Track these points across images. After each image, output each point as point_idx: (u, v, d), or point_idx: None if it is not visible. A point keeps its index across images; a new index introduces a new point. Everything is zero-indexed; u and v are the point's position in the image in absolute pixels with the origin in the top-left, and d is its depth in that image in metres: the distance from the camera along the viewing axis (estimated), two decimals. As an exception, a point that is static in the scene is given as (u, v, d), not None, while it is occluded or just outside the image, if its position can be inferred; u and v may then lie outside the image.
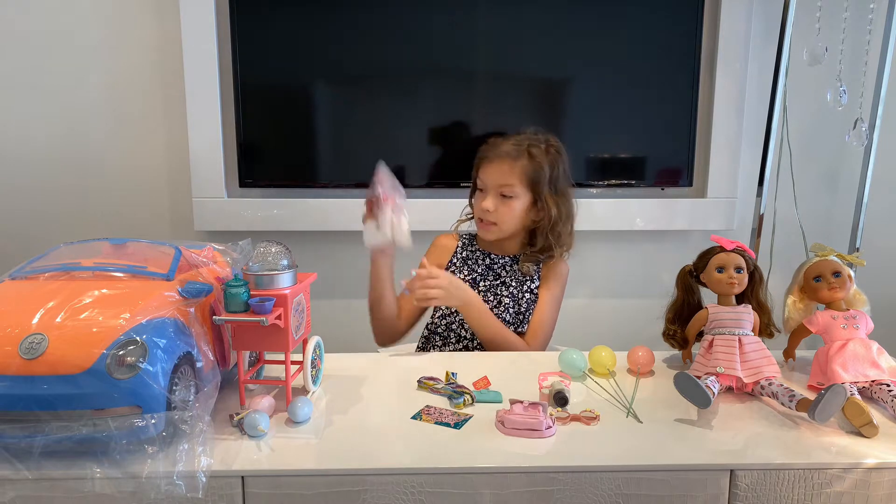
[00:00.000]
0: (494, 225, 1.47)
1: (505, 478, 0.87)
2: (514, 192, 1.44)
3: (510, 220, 1.47)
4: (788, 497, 0.89)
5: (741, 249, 1.18)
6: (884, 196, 2.14)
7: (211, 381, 0.95)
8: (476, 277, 1.53)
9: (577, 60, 2.04)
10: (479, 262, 1.55)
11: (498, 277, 1.52)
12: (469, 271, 1.54)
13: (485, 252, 1.55)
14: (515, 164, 1.44)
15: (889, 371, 1.09)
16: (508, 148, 1.46)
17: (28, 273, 0.97)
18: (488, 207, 1.45)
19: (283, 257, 1.01)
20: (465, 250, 1.57)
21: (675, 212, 2.13)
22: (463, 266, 1.55)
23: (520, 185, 1.44)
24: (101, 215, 2.07)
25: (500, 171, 1.45)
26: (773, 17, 2.00)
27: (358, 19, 1.98)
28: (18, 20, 1.98)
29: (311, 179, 2.08)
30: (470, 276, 1.53)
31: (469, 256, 1.56)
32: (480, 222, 1.49)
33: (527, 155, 1.45)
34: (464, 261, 1.56)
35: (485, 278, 1.52)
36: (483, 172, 1.48)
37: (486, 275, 1.53)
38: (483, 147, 1.51)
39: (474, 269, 1.54)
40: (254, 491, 0.86)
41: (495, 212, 1.45)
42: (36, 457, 0.82)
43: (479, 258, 1.55)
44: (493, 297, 1.50)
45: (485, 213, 1.46)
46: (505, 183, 1.44)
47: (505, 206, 1.45)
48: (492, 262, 1.54)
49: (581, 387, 1.13)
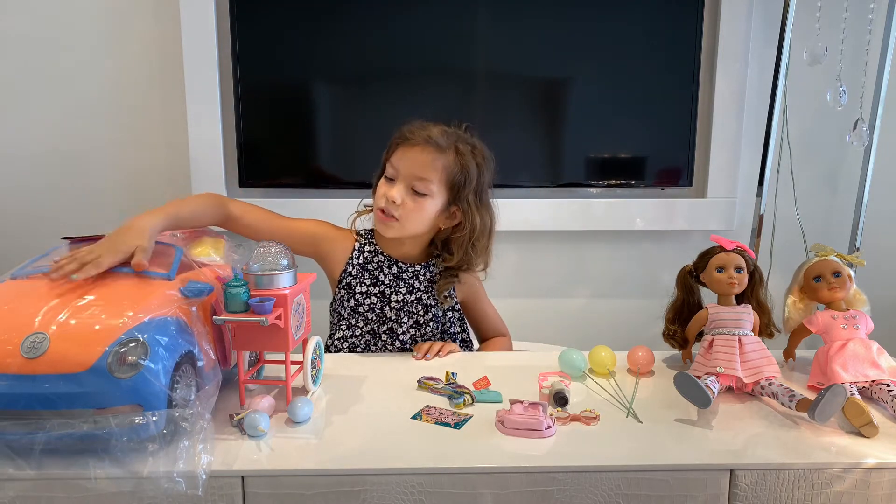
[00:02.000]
0: (396, 220, 1.26)
1: (505, 478, 0.87)
2: (430, 190, 1.25)
3: (416, 220, 1.27)
4: (788, 497, 0.89)
5: (741, 249, 1.18)
6: (884, 196, 2.14)
7: (212, 380, 0.96)
8: (384, 290, 1.32)
9: (577, 60, 2.04)
10: (385, 269, 1.33)
11: (412, 291, 1.33)
12: (373, 280, 1.32)
13: (389, 258, 1.33)
14: (439, 157, 1.25)
15: (889, 371, 1.09)
16: (435, 136, 1.26)
17: (29, 272, 0.97)
18: (394, 198, 1.24)
19: (283, 257, 1.00)
20: (363, 254, 1.34)
21: (675, 212, 2.13)
22: (362, 274, 1.33)
23: (438, 183, 1.25)
24: (101, 215, 2.07)
25: (420, 160, 1.25)
26: (773, 17, 2.00)
27: (358, 19, 1.98)
28: (18, 20, 1.97)
29: (311, 179, 2.08)
30: (374, 286, 1.32)
31: (369, 261, 1.33)
32: (381, 214, 1.28)
33: (454, 151, 1.27)
34: (363, 267, 1.33)
35: (395, 290, 1.32)
36: (398, 158, 1.27)
37: (395, 286, 1.32)
38: (403, 128, 1.30)
39: (379, 277, 1.33)
40: (254, 491, 0.86)
41: (401, 206, 1.25)
42: (37, 455, 0.83)
43: (384, 264, 1.33)
44: (406, 316, 1.33)
45: (389, 205, 1.25)
46: (422, 175, 1.24)
47: (414, 202, 1.25)
48: (400, 270, 1.33)
49: (581, 387, 1.13)
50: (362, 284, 1.33)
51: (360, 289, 1.33)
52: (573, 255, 2.20)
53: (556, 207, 2.09)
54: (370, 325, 1.35)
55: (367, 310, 1.33)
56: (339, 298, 1.36)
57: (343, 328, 1.35)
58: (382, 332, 1.35)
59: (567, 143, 2.10)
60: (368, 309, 1.33)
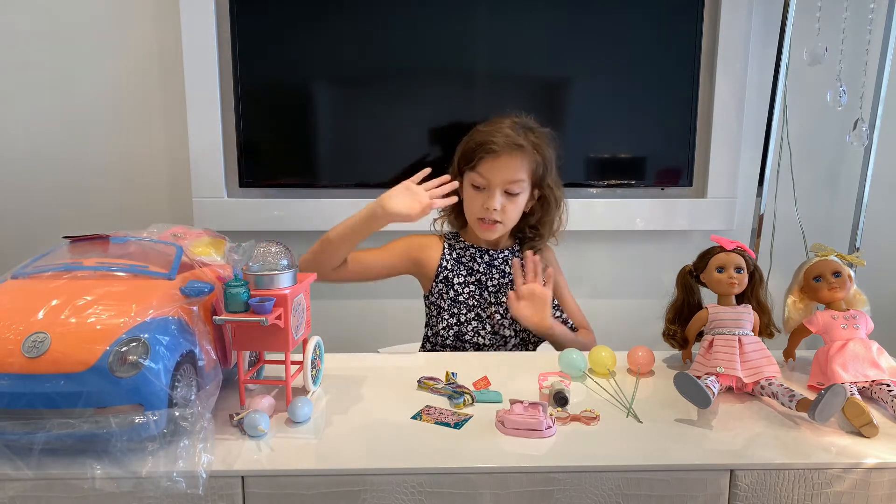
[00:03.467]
0: (500, 224, 1.35)
1: (505, 478, 0.87)
2: (522, 188, 1.34)
3: (514, 217, 1.37)
4: (788, 497, 0.89)
5: (741, 249, 1.18)
6: (884, 196, 2.14)
7: (212, 379, 0.96)
8: (480, 277, 1.41)
9: (577, 60, 2.04)
10: (478, 259, 1.42)
11: (504, 275, 1.41)
12: (468, 272, 1.41)
13: (479, 248, 1.43)
14: (525, 158, 1.33)
15: (889, 371, 1.09)
16: (515, 139, 1.32)
17: (30, 272, 0.97)
18: (496, 207, 1.32)
19: (283, 257, 1.01)
20: (455, 250, 1.43)
21: (675, 212, 2.13)
22: (458, 267, 1.41)
23: (527, 180, 1.35)
24: (101, 215, 2.07)
25: (511, 166, 1.32)
26: (773, 17, 2.00)
27: (358, 19, 1.98)
28: (18, 20, 1.98)
29: (311, 179, 2.08)
30: (471, 276, 1.41)
31: (462, 255, 1.42)
32: (481, 222, 1.37)
33: (532, 146, 1.34)
34: (457, 261, 1.42)
35: (490, 277, 1.40)
36: (487, 169, 1.33)
37: (489, 273, 1.40)
38: (479, 139, 1.35)
39: (474, 268, 1.41)
40: (254, 491, 0.86)
41: (502, 211, 1.34)
42: (36, 454, 0.83)
43: (476, 255, 1.42)
44: (505, 297, 1.39)
45: (490, 213, 1.34)
46: (516, 178, 1.32)
47: (511, 203, 1.34)
48: (491, 258, 1.41)
49: (581, 387, 1.13)
50: (459, 276, 1.41)
51: (458, 280, 1.41)
52: (573, 255, 2.19)
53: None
54: (474, 311, 1.41)
55: (468, 297, 1.41)
56: (438, 292, 1.43)
57: (447, 318, 1.42)
58: (486, 316, 1.41)
59: (567, 143, 2.07)
60: (469, 297, 1.41)
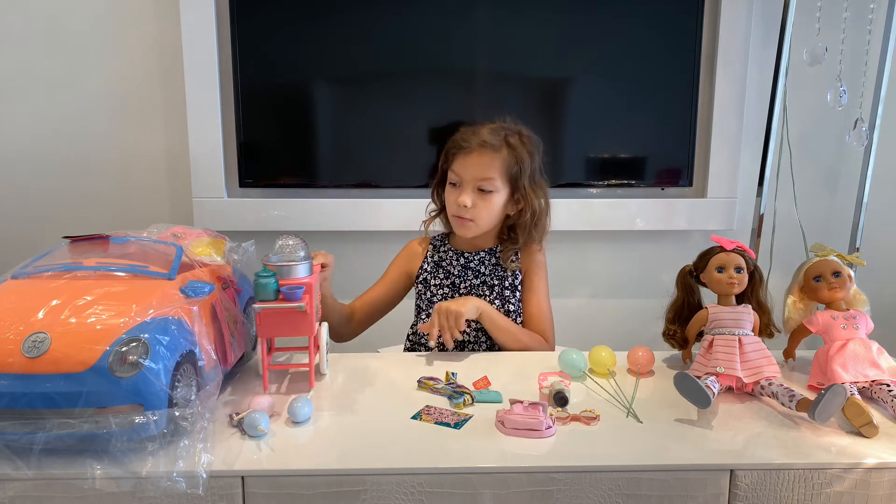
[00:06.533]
0: (472, 221, 1.38)
1: (505, 478, 0.87)
2: (494, 186, 1.36)
3: (489, 216, 1.38)
4: (788, 497, 0.89)
5: (741, 249, 1.18)
6: (884, 196, 2.14)
7: (212, 379, 0.96)
8: (454, 280, 1.45)
9: (577, 60, 2.04)
10: (454, 263, 1.45)
11: (478, 276, 1.44)
12: (445, 275, 1.45)
13: (457, 251, 1.46)
14: (496, 156, 1.35)
15: (889, 371, 1.09)
16: (487, 138, 1.36)
17: (30, 272, 0.97)
18: (466, 203, 1.35)
19: (300, 249, 1.10)
20: (437, 253, 1.48)
21: (675, 212, 2.13)
22: (436, 270, 1.46)
23: (500, 179, 1.36)
24: (101, 215, 2.08)
25: (480, 163, 1.35)
26: (773, 17, 2.00)
27: (358, 19, 1.98)
28: (18, 20, 1.98)
29: (311, 179, 2.08)
30: (446, 279, 1.45)
31: (442, 258, 1.47)
32: (458, 219, 1.39)
33: (506, 146, 1.37)
34: (436, 265, 1.47)
35: (463, 279, 1.44)
36: (459, 165, 1.37)
37: (463, 275, 1.44)
38: (456, 137, 1.40)
39: (449, 270, 1.45)
40: (254, 491, 0.86)
41: (473, 207, 1.36)
42: (36, 454, 0.83)
43: (453, 259, 1.46)
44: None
45: (461, 210, 1.36)
46: (485, 176, 1.35)
47: (483, 200, 1.36)
48: (466, 261, 1.45)
49: (581, 387, 1.13)
50: (436, 279, 1.46)
51: (434, 282, 1.46)
52: (573, 255, 2.20)
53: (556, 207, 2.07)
54: None
55: (441, 299, 1.45)
56: (418, 293, 1.49)
57: (423, 318, 1.47)
58: None
59: (567, 143, 2.10)
60: (442, 298, 1.45)
